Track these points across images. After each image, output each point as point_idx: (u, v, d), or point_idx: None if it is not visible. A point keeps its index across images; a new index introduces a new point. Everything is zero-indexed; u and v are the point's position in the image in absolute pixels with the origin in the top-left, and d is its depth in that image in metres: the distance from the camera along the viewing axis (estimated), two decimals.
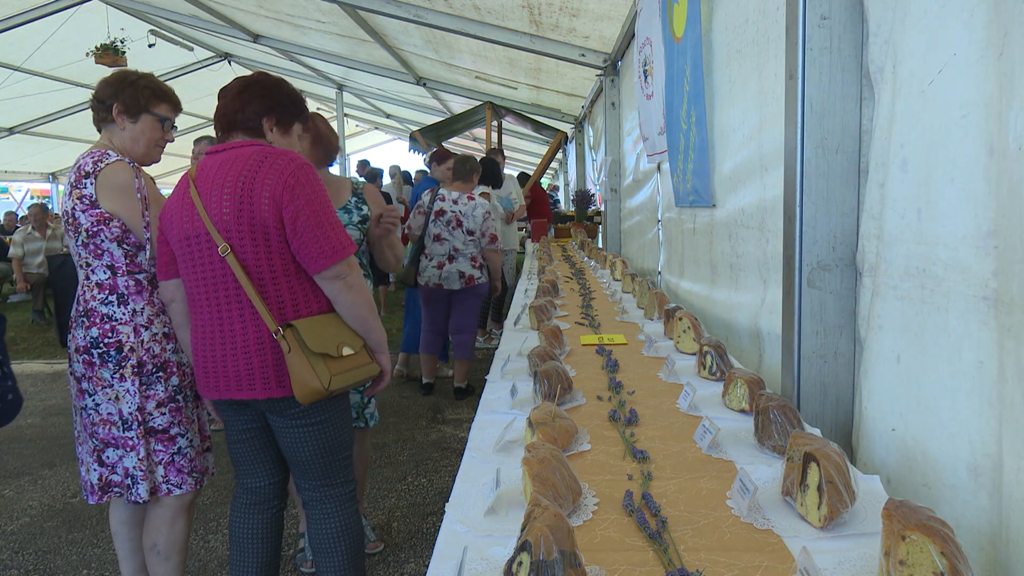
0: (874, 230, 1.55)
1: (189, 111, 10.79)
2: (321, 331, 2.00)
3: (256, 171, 1.95)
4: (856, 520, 1.24)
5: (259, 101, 2.09)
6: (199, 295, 2.04)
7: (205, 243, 1.99)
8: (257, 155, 1.98)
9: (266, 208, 1.92)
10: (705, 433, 1.63)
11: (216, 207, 1.96)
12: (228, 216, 1.95)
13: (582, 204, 8.76)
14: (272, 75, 2.20)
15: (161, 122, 2.38)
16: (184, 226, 2.02)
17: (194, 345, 2.10)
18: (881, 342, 1.52)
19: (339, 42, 7.60)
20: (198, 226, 1.99)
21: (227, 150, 2.05)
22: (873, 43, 1.55)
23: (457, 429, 4.78)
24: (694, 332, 2.52)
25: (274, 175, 1.94)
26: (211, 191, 1.98)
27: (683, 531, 1.24)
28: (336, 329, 2.05)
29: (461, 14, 5.38)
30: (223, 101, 2.10)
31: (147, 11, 7.45)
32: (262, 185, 1.93)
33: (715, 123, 2.85)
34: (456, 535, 1.27)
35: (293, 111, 2.17)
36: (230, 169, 1.98)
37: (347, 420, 2.20)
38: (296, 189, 1.94)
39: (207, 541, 3.34)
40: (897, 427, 1.45)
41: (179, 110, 2.49)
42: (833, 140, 1.67)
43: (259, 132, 2.10)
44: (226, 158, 2.02)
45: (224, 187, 1.96)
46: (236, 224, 1.94)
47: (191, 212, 2.01)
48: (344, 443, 2.18)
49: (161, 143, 2.42)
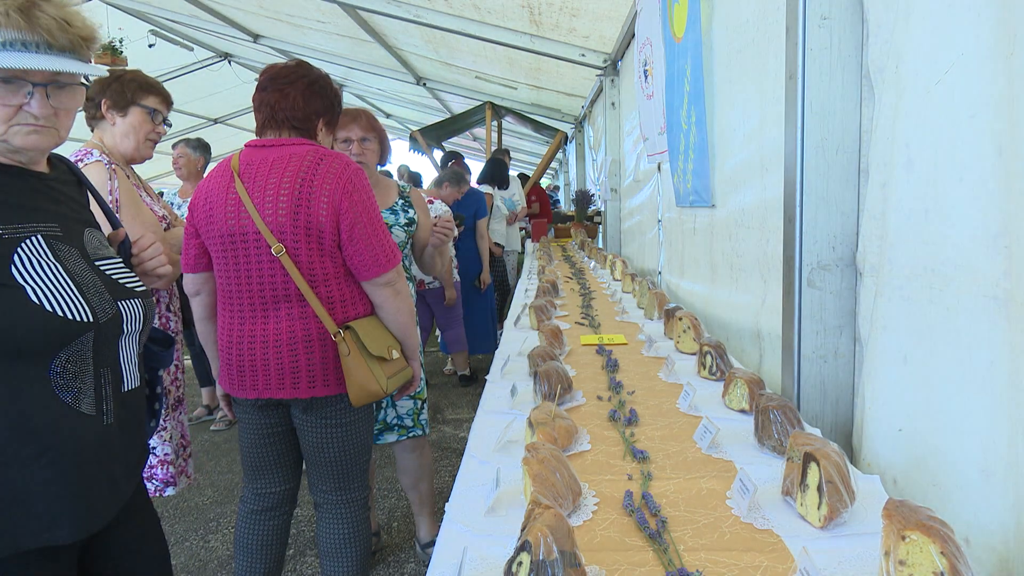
0: (876, 230, 1.55)
1: (189, 111, 10.77)
2: (375, 333, 2.02)
3: (313, 173, 1.92)
4: (856, 520, 1.24)
5: (318, 100, 2.05)
6: (239, 292, 2.00)
7: (253, 242, 1.94)
8: (313, 156, 1.95)
9: (324, 213, 1.90)
10: (705, 433, 1.63)
11: (271, 207, 1.92)
12: (284, 217, 1.91)
13: (582, 204, 8.76)
14: (320, 71, 2.13)
15: (150, 114, 2.37)
16: (229, 223, 1.96)
17: (226, 343, 2.05)
18: (886, 343, 1.51)
19: (339, 42, 7.60)
20: (246, 224, 1.94)
21: (277, 147, 1.99)
22: (873, 43, 1.55)
23: (457, 429, 4.78)
24: (694, 332, 2.52)
25: (331, 180, 1.91)
26: (263, 189, 1.93)
27: (683, 531, 1.24)
28: (383, 332, 2.06)
29: (461, 14, 5.38)
30: (277, 95, 2.02)
31: (147, 11, 7.44)
32: (320, 189, 1.90)
33: (715, 123, 2.85)
34: (456, 535, 1.27)
35: (338, 112, 2.16)
36: (285, 168, 1.93)
37: (371, 425, 2.21)
38: (354, 196, 1.93)
39: (207, 541, 3.34)
40: (904, 427, 1.44)
41: (169, 104, 2.48)
42: (833, 140, 1.67)
43: (311, 131, 2.06)
44: (279, 156, 1.97)
45: (280, 187, 1.92)
46: (292, 226, 1.91)
47: (238, 209, 1.95)
48: (366, 447, 2.18)
49: (153, 136, 2.41)
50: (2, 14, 1.19)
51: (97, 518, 1.35)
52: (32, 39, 1.23)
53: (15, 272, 1.21)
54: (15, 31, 1.21)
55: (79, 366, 1.28)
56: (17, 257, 1.22)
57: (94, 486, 1.34)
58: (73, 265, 1.31)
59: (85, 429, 1.30)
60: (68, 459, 1.28)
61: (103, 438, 1.34)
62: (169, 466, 2.41)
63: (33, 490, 1.24)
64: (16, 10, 1.20)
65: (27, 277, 1.22)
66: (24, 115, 1.26)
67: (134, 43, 7.62)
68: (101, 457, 1.35)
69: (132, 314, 1.40)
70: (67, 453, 1.28)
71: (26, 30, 1.22)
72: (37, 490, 1.25)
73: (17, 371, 1.22)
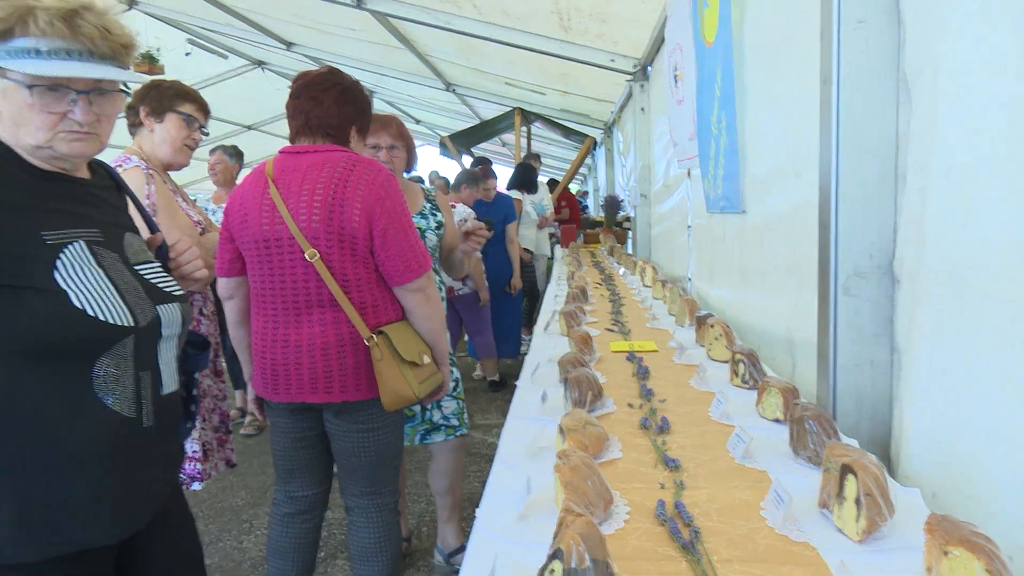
0: (914, 236, 1.52)
1: (223, 118, 10.95)
2: (407, 338, 2.04)
3: (346, 179, 1.94)
4: (896, 534, 1.21)
5: (352, 108, 2.09)
6: (273, 297, 2.02)
7: (287, 247, 1.97)
8: (346, 162, 1.98)
9: (357, 219, 1.93)
10: (738, 442, 1.61)
11: (305, 212, 1.94)
12: (318, 223, 1.94)
13: (611, 209, 8.73)
14: (351, 78, 2.16)
15: (187, 120, 2.43)
16: (263, 228, 1.99)
17: (260, 347, 2.08)
18: (924, 352, 1.48)
19: (370, 49, 7.67)
20: (280, 229, 1.97)
21: (311, 153, 2.02)
22: (911, 47, 1.53)
23: (486, 435, 4.78)
24: (726, 339, 2.49)
25: (364, 186, 1.94)
26: (297, 195, 1.96)
27: (717, 542, 1.23)
28: (415, 337, 2.08)
29: (490, 20, 5.40)
30: (311, 103, 2.04)
31: (184, 20, 7.58)
32: (353, 195, 1.93)
33: (746, 128, 2.82)
34: (487, 541, 1.27)
35: (369, 119, 2.19)
36: (319, 174, 1.96)
37: (401, 429, 2.23)
38: (386, 202, 1.95)
39: (240, 542, 3.38)
40: (943, 439, 1.41)
41: (206, 111, 2.54)
42: (869, 145, 1.64)
43: (344, 138, 2.09)
44: (313, 162, 1.99)
45: (314, 193, 1.94)
46: (325, 231, 1.93)
47: (272, 215, 1.98)
48: (397, 451, 2.20)
49: (189, 142, 2.47)
50: (47, 23, 1.22)
51: (134, 520, 1.38)
52: (76, 47, 1.26)
53: (58, 278, 1.24)
54: (60, 39, 1.24)
55: (120, 369, 1.31)
56: (60, 263, 1.26)
57: (132, 488, 1.36)
58: (114, 270, 1.34)
59: (125, 431, 1.33)
60: (107, 461, 1.30)
61: (141, 440, 1.37)
62: (196, 463, 2.44)
63: (72, 493, 1.27)
64: (60, 19, 1.24)
65: (70, 282, 1.25)
66: (69, 122, 1.29)
67: (171, 52, 7.76)
68: (139, 459, 1.37)
69: (171, 318, 1.42)
70: (107, 455, 1.30)
71: (70, 38, 1.25)
72: (76, 492, 1.27)
73: (60, 375, 1.26)
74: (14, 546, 1.23)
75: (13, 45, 1.22)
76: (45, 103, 1.26)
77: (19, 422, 1.23)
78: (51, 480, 1.25)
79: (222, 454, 2.63)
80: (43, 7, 1.23)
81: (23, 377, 1.23)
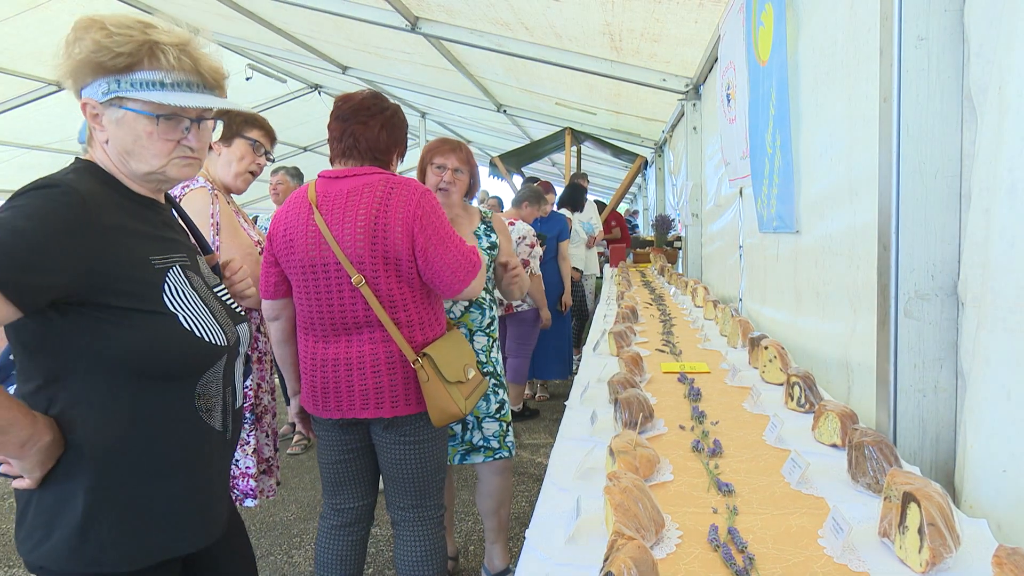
0: (979, 258, 1.47)
1: (282, 140, 11.30)
2: (451, 356, 2.08)
3: (387, 202, 2.00)
4: (961, 566, 1.16)
5: (398, 133, 2.17)
6: (321, 319, 2.07)
7: (334, 272, 2.02)
8: (385, 185, 2.03)
9: (399, 240, 1.98)
10: (794, 467, 1.57)
11: (350, 238, 2.00)
12: (362, 248, 1.99)
13: (662, 229, 8.66)
14: (393, 103, 2.21)
15: (252, 145, 2.51)
16: (310, 254, 2.05)
17: (309, 366, 2.12)
18: (989, 377, 1.43)
19: (423, 72, 7.81)
20: (326, 255, 2.02)
21: (351, 177, 2.08)
22: (975, 64, 1.49)
23: (534, 454, 4.77)
24: (780, 362, 2.44)
25: (403, 206, 1.99)
26: (341, 221, 2.01)
27: (772, 569, 1.20)
28: (459, 351, 2.13)
29: (542, 42, 5.45)
30: (361, 127, 2.10)
31: (245, 46, 7.87)
32: (394, 217, 1.98)
33: (800, 147, 2.77)
34: (537, 562, 1.27)
35: (406, 143, 2.26)
36: (360, 199, 2.02)
37: (446, 442, 2.26)
38: (423, 220, 2.00)
39: (291, 556, 3.43)
40: (1008, 468, 1.36)
41: (272, 138, 2.62)
42: (932, 165, 1.60)
43: (388, 162, 2.16)
44: (353, 186, 2.05)
45: (357, 218, 2.00)
46: (370, 255, 1.99)
47: (318, 240, 2.03)
48: (442, 464, 2.22)
49: (254, 167, 2.55)
50: (176, 58, 1.30)
51: (217, 527, 1.45)
52: (195, 80, 1.34)
53: (167, 300, 1.31)
54: (184, 73, 1.32)
55: (216, 385, 1.39)
56: (167, 286, 1.33)
57: (216, 497, 1.44)
58: (202, 292, 1.41)
59: (215, 443, 1.41)
60: (201, 472, 1.38)
61: (225, 451, 1.46)
62: (250, 479, 2.49)
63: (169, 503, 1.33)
64: (185, 54, 1.31)
65: (177, 305, 1.33)
66: (182, 148, 1.37)
67: (233, 76, 8.04)
68: (223, 468, 1.47)
69: (244, 336, 1.51)
70: (200, 467, 1.38)
71: (191, 72, 1.33)
72: (173, 503, 1.34)
73: (170, 391, 1.33)
74: (115, 555, 1.28)
75: (137, 77, 1.29)
76: (164, 131, 1.33)
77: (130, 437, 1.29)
78: (152, 491, 1.31)
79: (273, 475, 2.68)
80: (164, 42, 1.30)
81: (138, 396, 1.29)
